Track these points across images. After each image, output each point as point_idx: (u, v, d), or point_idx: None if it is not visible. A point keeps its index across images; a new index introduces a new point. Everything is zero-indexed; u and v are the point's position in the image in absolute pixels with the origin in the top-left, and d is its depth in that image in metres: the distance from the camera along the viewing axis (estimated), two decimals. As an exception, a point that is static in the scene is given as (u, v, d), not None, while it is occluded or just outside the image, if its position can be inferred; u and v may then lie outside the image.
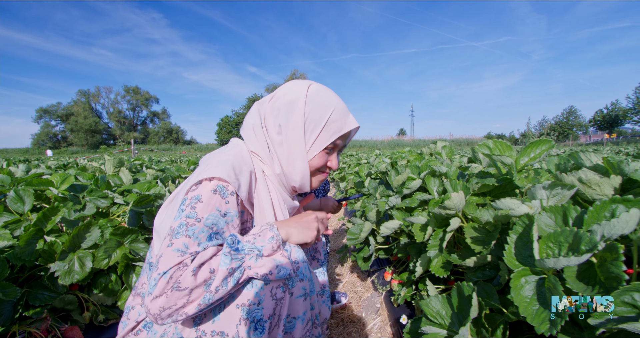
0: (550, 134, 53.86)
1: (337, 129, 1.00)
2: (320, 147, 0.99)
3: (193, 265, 0.72)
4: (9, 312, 1.15)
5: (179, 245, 0.74)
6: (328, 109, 0.98)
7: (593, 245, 0.60)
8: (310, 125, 0.97)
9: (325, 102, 0.99)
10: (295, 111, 0.97)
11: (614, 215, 0.66)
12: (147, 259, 0.99)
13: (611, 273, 0.59)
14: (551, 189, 0.80)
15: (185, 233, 0.76)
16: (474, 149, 1.35)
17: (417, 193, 1.53)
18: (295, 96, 0.98)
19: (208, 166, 0.87)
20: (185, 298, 0.70)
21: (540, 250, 0.69)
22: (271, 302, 0.81)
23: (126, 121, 67.37)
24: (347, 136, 1.07)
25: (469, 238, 1.01)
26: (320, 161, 1.01)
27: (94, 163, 2.91)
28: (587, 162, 0.93)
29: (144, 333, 0.87)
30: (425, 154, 2.47)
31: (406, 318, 1.42)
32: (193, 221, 0.78)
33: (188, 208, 0.79)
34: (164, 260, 0.73)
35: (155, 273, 0.72)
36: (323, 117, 0.97)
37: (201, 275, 0.71)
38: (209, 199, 0.81)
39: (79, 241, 1.40)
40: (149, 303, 0.70)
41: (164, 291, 0.69)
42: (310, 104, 0.97)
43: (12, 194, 1.48)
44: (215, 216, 0.81)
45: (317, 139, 0.98)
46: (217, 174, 0.84)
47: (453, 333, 0.82)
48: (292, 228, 0.92)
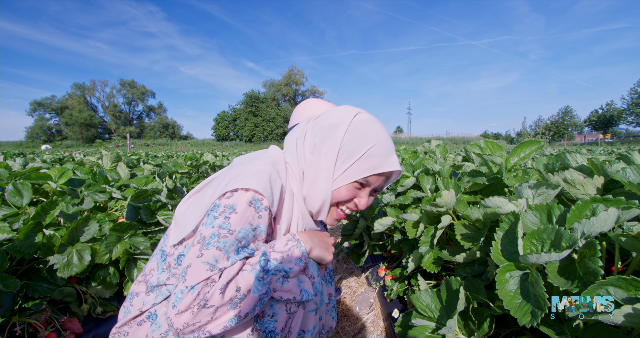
0: (545, 133, 54.24)
1: (373, 165, 0.91)
2: (349, 179, 0.92)
3: (221, 282, 0.70)
4: (8, 303, 1.17)
5: (209, 257, 0.73)
6: (369, 143, 0.91)
7: (573, 241, 0.63)
8: (344, 154, 0.91)
9: (369, 134, 0.92)
10: (333, 135, 0.92)
11: (595, 213, 0.70)
12: (160, 246, 0.98)
13: (589, 268, 0.62)
14: (537, 189, 0.83)
15: (216, 245, 0.74)
16: (467, 148, 1.38)
17: (411, 190, 1.57)
18: (339, 120, 0.93)
19: (245, 173, 0.85)
20: (210, 316, 0.69)
21: (524, 246, 0.73)
22: (285, 315, 0.82)
23: (122, 115, 66.85)
24: (385, 178, 0.97)
25: (459, 235, 1.04)
26: (347, 194, 0.94)
27: (91, 157, 2.92)
28: (573, 163, 0.97)
29: (147, 325, 0.86)
30: (419, 153, 2.51)
31: (398, 312, 1.46)
32: (225, 232, 0.76)
33: (221, 217, 0.77)
34: (192, 273, 0.71)
35: (182, 285, 0.70)
36: (361, 149, 0.90)
37: (228, 293, 0.70)
38: (244, 211, 0.79)
39: (77, 234, 1.42)
40: (173, 317, 0.68)
41: (190, 307, 0.68)
42: (351, 132, 0.92)
43: (11, 187, 1.50)
44: (246, 230, 0.79)
45: (348, 170, 0.92)
46: (253, 186, 0.81)
47: (441, 326, 0.85)
48: (316, 244, 0.92)
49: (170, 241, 0.91)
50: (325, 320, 1.09)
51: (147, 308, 0.89)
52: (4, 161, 2.34)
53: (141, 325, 0.86)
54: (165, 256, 0.92)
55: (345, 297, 1.99)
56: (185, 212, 0.92)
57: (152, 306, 0.89)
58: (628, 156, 0.99)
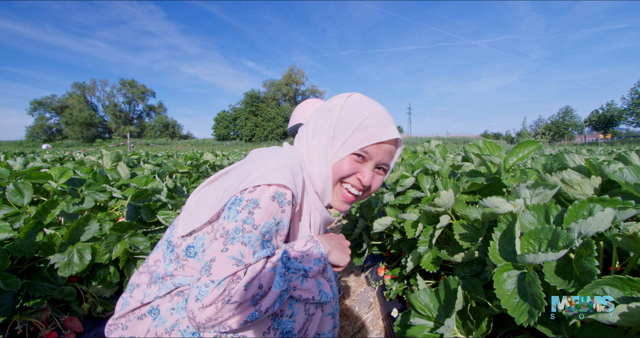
0: (545, 133, 54.21)
1: (370, 135, 0.91)
2: (347, 151, 0.92)
3: (245, 279, 0.71)
4: (9, 302, 1.18)
5: (234, 252, 0.72)
6: (363, 115, 0.92)
7: (569, 241, 0.64)
8: (340, 129, 0.92)
9: (363, 108, 0.94)
10: (330, 116, 0.94)
11: (592, 213, 0.71)
12: (166, 237, 0.96)
13: (585, 268, 0.63)
14: (534, 189, 0.83)
15: (241, 240, 0.73)
16: (466, 148, 1.39)
17: (410, 190, 1.57)
18: (334, 103, 0.97)
19: (267, 168, 0.84)
20: (232, 312, 0.70)
21: (522, 246, 0.73)
22: (303, 316, 0.82)
23: (122, 115, 66.86)
24: (387, 150, 0.95)
25: (458, 235, 1.05)
26: (348, 167, 0.93)
27: (91, 157, 2.92)
28: (571, 163, 0.97)
29: (148, 320, 0.83)
30: (419, 153, 2.51)
31: (397, 311, 1.46)
32: (250, 227, 0.75)
33: (245, 212, 0.76)
34: (218, 267, 0.70)
35: (207, 279, 0.69)
36: (355, 122, 0.92)
37: (251, 290, 0.71)
38: (268, 206, 0.78)
39: (78, 234, 1.43)
40: (196, 310, 0.68)
41: (215, 302, 0.68)
42: (345, 109, 0.94)
43: (12, 187, 1.50)
44: (270, 225, 0.78)
45: (345, 143, 0.92)
46: (277, 181, 0.80)
47: (439, 325, 0.86)
48: (334, 247, 0.92)
49: (179, 232, 0.90)
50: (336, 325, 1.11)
51: (149, 301, 0.86)
52: (5, 161, 2.35)
53: (142, 320, 0.84)
54: (173, 247, 0.90)
55: (344, 297, 2.00)
56: (197, 203, 0.91)
57: (155, 299, 0.86)
58: (626, 157, 0.99)
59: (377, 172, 0.99)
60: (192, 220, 0.89)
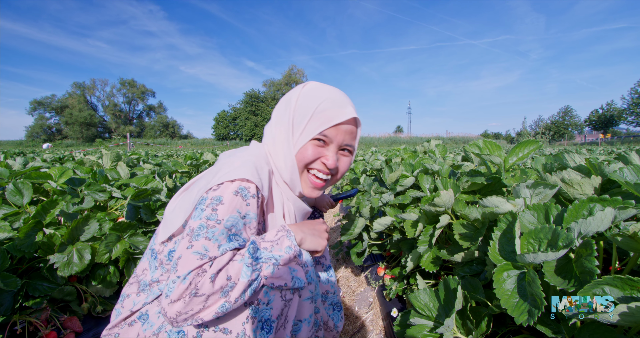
0: (545, 133, 54.22)
1: (327, 118, 0.93)
2: (307, 138, 0.94)
3: (211, 271, 0.72)
4: (9, 302, 1.17)
5: (198, 247, 0.74)
6: (318, 100, 0.94)
7: (569, 241, 0.64)
8: (298, 117, 0.95)
9: (318, 94, 0.96)
10: (288, 107, 0.97)
11: (592, 213, 0.70)
12: (149, 245, 0.98)
13: (585, 268, 0.63)
14: (534, 188, 0.83)
15: (205, 235, 0.75)
16: (466, 148, 1.38)
17: (410, 190, 1.57)
18: (292, 94, 0.99)
19: (230, 166, 0.86)
20: (202, 304, 0.70)
21: (521, 245, 0.73)
22: (280, 303, 0.82)
23: (122, 115, 66.82)
24: (346, 130, 0.97)
25: (458, 235, 1.05)
26: (312, 152, 0.95)
27: (91, 157, 2.92)
28: (571, 163, 0.97)
29: (138, 325, 0.86)
30: (419, 153, 2.51)
31: (397, 311, 1.46)
32: (213, 223, 0.77)
33: (208, 209, 0.78)
34: (183, 263, 0.72)
35: (174, 276, 0.72)
36: (311, 108, 0.94)
37: (218, 282, 0.71)
38: (230, 201, 0.80)
39: (77, 233, 1.43)
40: (166, 306, 0.70)
41: (182, 297, 0.69)
42: (302, 98, 0.97)
43: (11, 187, 1.50)
44: (235, 218, 0.80)
45: (305, 130, 0.94)
46: (239, 176, 0.82)
47: (439, 324, 0.86)
48: (307, 234, 0.92)
49: (159, 239, 0.92)
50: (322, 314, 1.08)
51: (138, 308, 0.89)
52: (5, 160, 2.34)
53: (132, 326, 0.86)
54: (156, 254, 0.93)
55: (344, 296, 2.00)
56: (174, 209, 0.93)
57: (143, 306, 0.89)
58: (626, 156, 0.99)
59: (342, 154, 1.01)
60: (169, 225, 0.91)
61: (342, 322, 1.17)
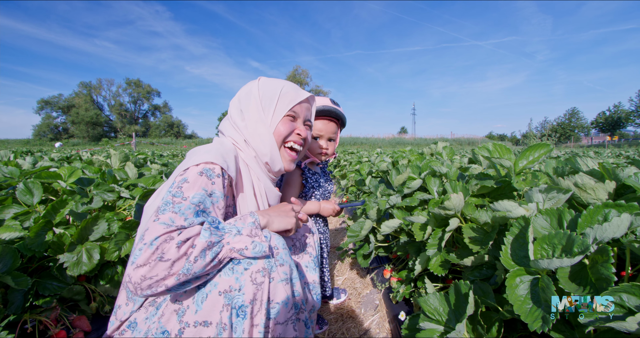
0: (551, 135, 53.72)
1: (291, 98, 1.13)
2: (280, 115, 1.11)
3: (179, 238, 0.74)
4: (20, 300, 1.19)
5: (165, 219, 0.77)
6: (279, 86, 1.13)
7: (585, 247, 0.63)
8: (266, 101, 1.10)
9: (275, 82, 1.15)
10: (251, 96, 1.11)
11: (607, 219, 0.70)
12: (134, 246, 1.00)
13: (601, 275, 0.62)
14: (547, 193, 0.83)
15: (171, 210, 0.79)
16: (474, 151, 1.37)
17: (417, 192, 1.56)
18: (250, 87, 1.14)
19: (195, 155, 0.94)
20: (167, 270, 0.72)
21: (535, 251, 0.72)
22: (251, 287, 0.81)
23: (127, 114, 67.32)
24: (306, 107, 1.19)
25: (467, 238, 1.04)
26: (285, 128, 1.12)
27: (99, 156, 2.94)
28: (583, 167, 0.96)
29: (128, 333, 0.88)
30: (426, 154, 2.50)
31: (405, 314, 1.45)
32: (179, 199, 0.82)
33: (174, 189, 0.84)
34: (149, 232, 0.75)
35: (141, 243, 0.74)
36: (275, 92, 1.12)
37: (183, 248, 0.74)
38: (195, 180, 0.86)
39: (86, 233, 1.44)
40: (131, 272, 0.71)
41: (148, 262, 0.71)
42: (262, 87, 1.12)
43: (22, 186, 1.51)
44: (201, 195, 0.85)
45: (276, 110, 1.11)
46: (203, 160, 0.90)
47: (449, 330, 0.85)
48: (273, 216, 0.97)
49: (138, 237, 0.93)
50: (306, 297, 1.10)
51: (127, 317, 0.92)
52: (14, 160, 2.37)
53: (123, 335, 0.89)
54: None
55: (350, 298, 2.00)
56: (151, 204, 0.98)
57: (131, 314, 0.92)
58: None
59: (306, 127, 1.21)
60: (144, 220, 0.96)
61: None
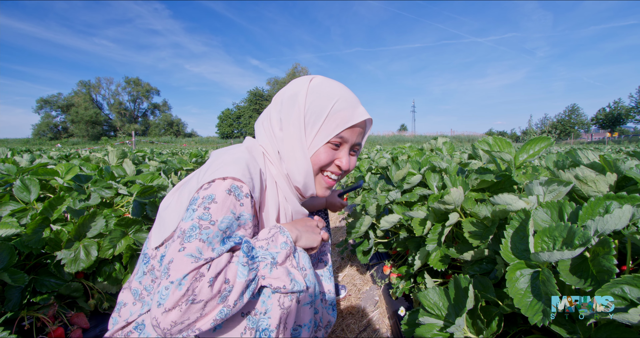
0: (551, 132, 53.69)
1: (342, 120, 0.90)
2: (323, 140, 0.90)
3: (209, 274, 0.66)
4: (17, 297, 1.18)
5: (192, 249, 0.68)
6: (331, 99, 0.90)
7: (586, 239, 0.62)
8: (311, 118, 0.90)
9: (329, 92, 0.91)
10: (296, 104, 0.90)
11: (608, 211, 0.69)
12: (143, 250, 0.93)
13: (603, 267, 0.61)
14: (548, 186, 0.82)
15: (198, 237, 0.70)
16: (474, 145, 1.36)
17: (417, 188, 1.55)
18: (297, 89, 0.93)
19: (221, 163, 0.82)
20: (200, 312, 0.65)
21: (535, 244, 0.71)
22: (279, 311, 0.77)
23: (127, 113, 67.21)
24: (359, 131, 0.96)
25: (467, 233, 1.03)
26: (325, 157, 0.92)
27: (97, 153, 2.93)
28: (584, 159, 0.95)
29: (135, 335, 0.83)
30: (425, 150, 2.49)
31: (404, 310, 1.45)
32: (207, 223, 0.72)
33: (200, 209, 0.73)
34: (176, 267, 0.66)
35: (166, 281, 0.65)
36: (325, 108, 0.89)
37: (217, 286, 0.66)
38: (224, 200, 0.75)
39: (84, 230, 1.43)
40: (159, 316, 0.63)
41: (178, 304, 0.63)
42: (311, 95, 0.90)
43: (19, 183, 1.51)
44: (229, 220, 0.75)
45: (319, 132, 0.90)
46: (230, 174, 0.77)
47: (449, 324, 0.84)
48: (302, 232, 0.89)
49: (152, 244, 0.88)
50: (322, 314, 1.05)
51: (134, 318, 0.85)
52: (12, 157, 2.36)
53: (129, 336, 0.83)
54: (148, 259, 0.89)
55: (350, 295, 1.99)
56: (167, 208, 0.89)
57: (139, 316, 0.86)
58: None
59: (351, 154, 1.00)
60: (162, 230, 0.87)
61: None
